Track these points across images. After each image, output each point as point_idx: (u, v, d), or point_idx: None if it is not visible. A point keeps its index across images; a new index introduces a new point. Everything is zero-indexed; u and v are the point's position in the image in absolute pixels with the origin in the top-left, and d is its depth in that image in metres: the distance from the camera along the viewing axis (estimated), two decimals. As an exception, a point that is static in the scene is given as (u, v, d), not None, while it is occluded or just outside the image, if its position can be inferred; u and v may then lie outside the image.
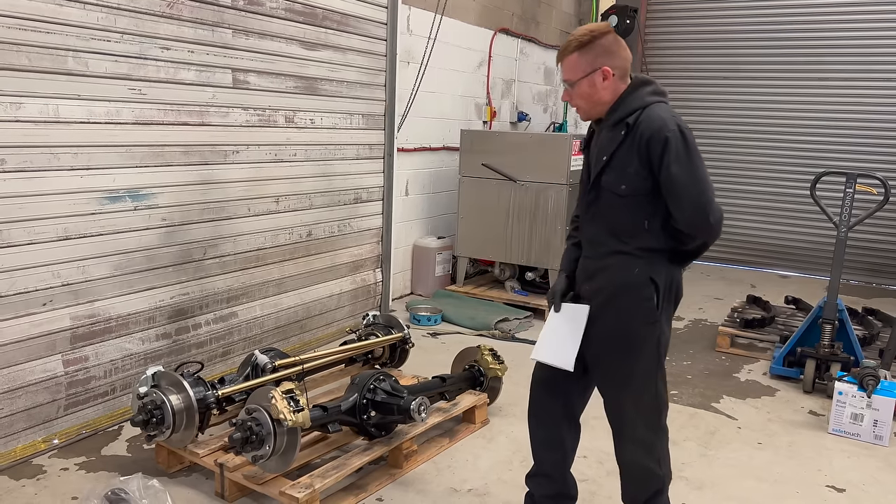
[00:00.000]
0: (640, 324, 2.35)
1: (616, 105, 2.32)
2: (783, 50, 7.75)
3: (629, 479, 2.55)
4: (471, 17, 6.55)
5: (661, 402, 2.46)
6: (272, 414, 2.71)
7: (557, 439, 2.61)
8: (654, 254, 2.33)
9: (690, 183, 2.22)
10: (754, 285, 7.19)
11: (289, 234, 4.59)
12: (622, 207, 2.31)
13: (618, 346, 2.37)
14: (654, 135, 2.21)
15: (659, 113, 2.26)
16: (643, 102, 2.29)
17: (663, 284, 2.34)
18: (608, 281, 2.37)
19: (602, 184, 2.34)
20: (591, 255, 2.44)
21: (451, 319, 5.47)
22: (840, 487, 3.27)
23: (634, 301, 2.33)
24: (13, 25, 2.98)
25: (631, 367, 2.38)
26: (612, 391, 2.46)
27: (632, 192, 2.28)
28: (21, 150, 3.08)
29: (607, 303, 2.37)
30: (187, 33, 3.72)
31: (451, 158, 6.42)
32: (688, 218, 2.25)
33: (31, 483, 3.01)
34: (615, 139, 2.29)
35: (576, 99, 2.36)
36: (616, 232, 2.34)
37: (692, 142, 2.24)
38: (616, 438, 2.52)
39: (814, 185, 4.50)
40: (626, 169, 2.27)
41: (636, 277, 2.32)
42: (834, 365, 4.25)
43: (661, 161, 2.21)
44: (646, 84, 2.33)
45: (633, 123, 2.26)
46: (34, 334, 3.21)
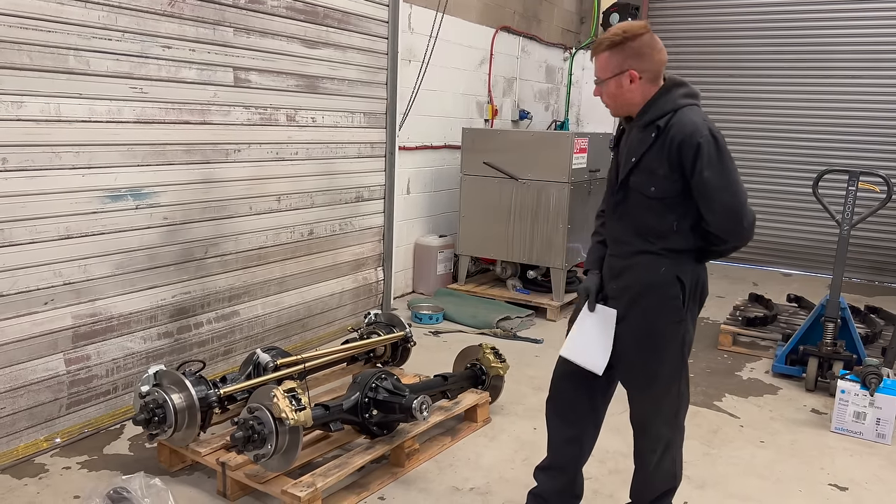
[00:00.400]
0: (666, 323, 2.34)
1: (647, 107, 2.30)
2: (785, 48, 7.73)
3: (643, 475, 2.56)
4: (472, 15, 6.54)
5: (682, 401, 2.49)
6: (274, 413, 2.71)
7: (579, 436, 2.61)
8: (682, 254, 2.33)
9: (723, 188, 2.20)
10: (756, 283, 7.18)
11: (290, 233, 4.58)
12: (650, 209, 2.29)
13: (643, 345, 2.37)
14: (685, 140, 2.19)
15: (691, 117, 2.24)
16: (675, 105, 2.27)
17: (689, 284, 2.33)
18: (634, 280, 2.36)
19: (630, 184, 2.32)
20: (616, 253, 2.42)
21: (453, 318, 5.46)
22: (843, 486, 3.26)
23: (660, 300, 2.33)
24: (14, 24, 2.98)
25: (656, 366, 2.38)
26: (635, 389, 2.47)
27: (661, 194, 2.26)
28: (22, 148, 3.08)
29: (633, 302, 2.36)
30: (188, 32, 3.72)
31: (453, 157, 6.42)
32: (720, 222, 2.24)
33: (33, 482, 3.01)
34: (645, 141, 2.28)
35: (604, 97, 2.36)
36: (643, 232, 2.33)
37: (724, 146, 2.23)
38: (636, 434, 2.54)
39: (816, 182, 4.48)
40: (656, 171, 2.25)
41: (662, 277, 2.31)
42: (836, 363, 4.25)
43: (693, 166, 2.19)
44: (679, 86, 2.31)
45: (663, 127, 2.24)
46: (36, 333, 3.21)
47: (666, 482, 2.58)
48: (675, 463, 2.57)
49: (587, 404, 2.58)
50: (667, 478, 2.57)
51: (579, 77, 8.37)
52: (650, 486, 2.58)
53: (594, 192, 6.06)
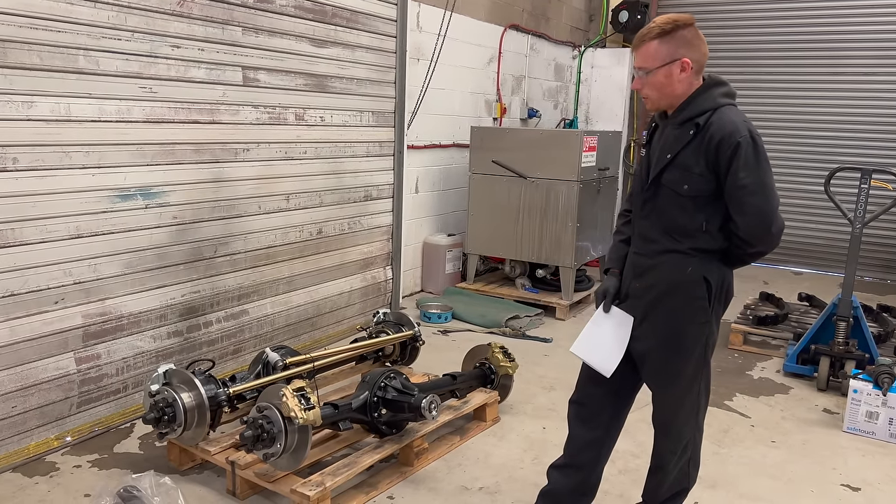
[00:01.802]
0: (691, 324, 2.33)
1: (686, 103, 2.27)
2: (797, 45, 7.68)
3: (661, 475, 2.55)
4: (481, 13, 6.53)
5: (703, 401, 2.48)
6: (283, 412, 2.71)
7: (602, 439, 2.59)
8: (709, 254, 2.30)
9: (757, 191, 2.18)
10: (767, 282, 7.14)
11: (299, 232, 4.59)
12: (681, 207, 2.27)
13: (667, 345, 2.35)
14: (724, 138, 2.17)
15: (731, 117, 2.22)
16: (715, 104, 2.25)
17: (716, 284, 2.32)
18: (659, 279, 2.33)
19: (663, 181, 2.29)
20: (642, 251, 2.39)
21: (462, 317, 5.45)
22: (855, 486, 3.24)
23: (686, 300, 2.31)
24: (24, 24, 2.99)
25: (679, 367, 2.37)
26: (658, 388, 2.46)
27: (694, 192, 2.24)
28: (33, 148, 3.09)
29: (658, 301, 2.34)
30: (197, 31, 3.72)
31: (462, 155, 6.40)
32: (749, 225, 2.21)
33: (44, 480, 3.02)
34: (682, 138, 2.25)
35: (647, 88, 2.27)
36: (672, 230, 2.30)
37: (763, 149, 2.21)
38: (658, 434, 2.53)
39: (828, 180, 4.45)
40: (692, 169, 2.23)
41: (689, 276, 2.29)
42: (848, 362, 4.22)
43: (729, 166, 2.17)
44: (719, 84, 2.29)
45: (703, 125, 2.22)
46: (46, 332, 3.23)
47: (680, 482, 2.57)
48: (691, 464, 2.56)
49: (612, 409, 2.56)
50: (682, 477, 2.56)
51: (588, 75, 8.34)
52: (665, 486, 2.56)
53: (603, 190, 6.04)
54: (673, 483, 2.56)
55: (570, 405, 2.65)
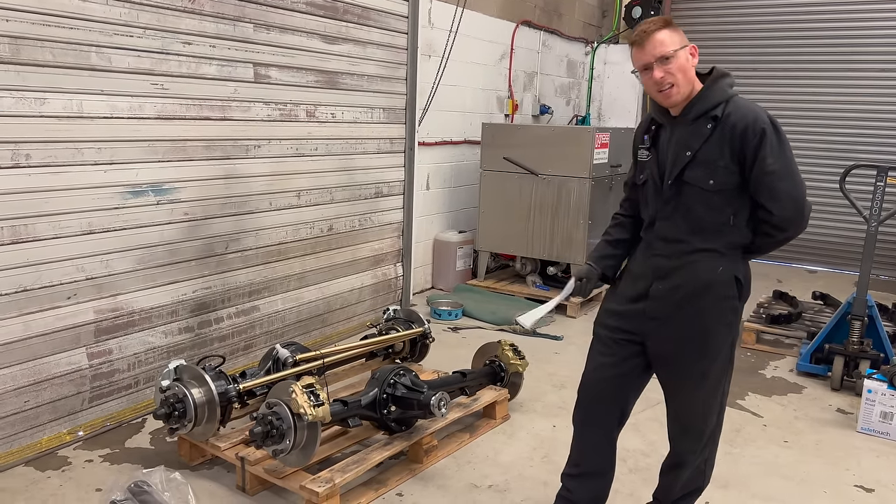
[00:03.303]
0: (719, 324, 2.30)
1: (697, 98, 2.24)
2: (812, 42, 7.59)
3: (677, 475, 2.53)
4: (492, 9, 6.50)
5: (725, 400, 2.47)
6: (293, 408, 2.71)
7: (610, 441, 2.58)
8: (736, 251, 2.28)
9: (787, 176, 2.17)
10: (781, 280, 7.08)
11: (310, 229, 4.59)
12: (708, 203, 2.23)
13: (694, 347, 2.31)
14: (749, 127, 2.15)
15: (749, 105, 2.21)
16: (726, 95, 2.23)
17: (745, 283, 2.31)
18: (688, 280, 2.28)
19: (686, 179, 2.24)
20: (664, 252, 2.33)
21: (472, 314, 5.45)
22: (869, 487, 3.20)
23: (716, 300, 2.28)
24: (37, 21, 3.01)
25: (706, 368, 2.33)
26: (683, 391, 2.41)
27: (720, 187, 2.21)
28: (45, 145, 3.11)
29: (685, 302, 2.29)
30: (209, 28, 3.73)
31: (473, 152, 6.39)
32: (784, 211, 2.19)
33: (56, 474, 3.05)
34: (700, 133, 2.22)
35: (673, 74, 2.19)
36: (700, 229, 2.26)
37: (784, 134, 2.20)
38: (681, 437, 2.49)
39: (843, 178, 4.40)
40: (716, 163, 2.19)
41: (720, 276, 2.26)
42: (863, 362, 4.17)
43: (756, 154, 2.15)
44: (725, 76, 2.27)
45: (721, 116, 2.19)
46: (59, 327, 3.25)
47: (695, 481, 2.55)
48: (708, 463, 2.54)
49: (618, 413, 2.54)
50: (697, 476, 2.54)
51: (601, 71, 8.29)
52: (680, 484, 2.54)
53: (615, 187, 6.01)
54: (688, 482, 2.54)
55: (577, 410, 2.60)
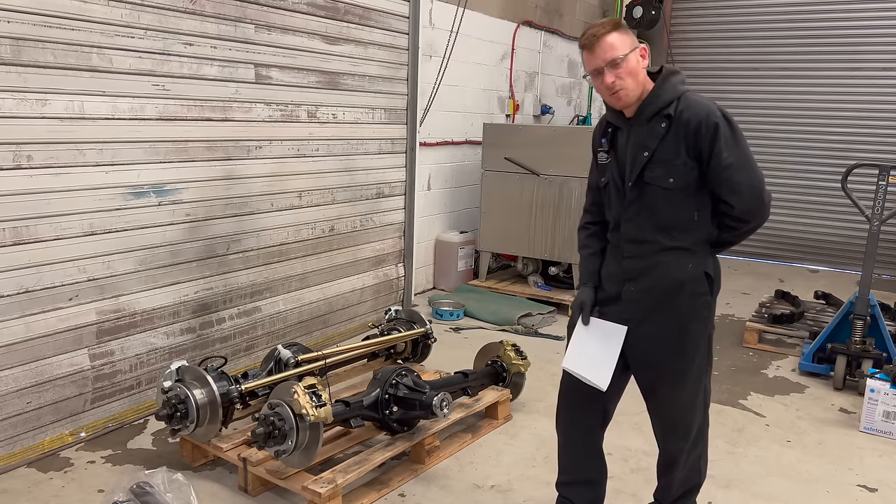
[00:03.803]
0: (694, 320, 2.31)
1: (649, 99, 2.24)
2: (813, 40, 7.59)
3: (672, 475, 2.53)
4: (493, 9, 6.50)
5: (709, 397, 2.47)
6: (295, 409, 2.71)
7: (596, 444, 2.59)
8: (704, 247, 2.30)
9: (744, 168, 2.19)
10: (783, 280, 7.07)
11: (311, 229, 4.59)
12: (670, 201, 2.24)
13: (674, 346, 2.32)
14: (702, 122, 2.16)
15: (700, 100, 2.22)
16: (677, 92, 2.24)
17: (715, 277, 2.32)
18: (659, 279, 2.29)
19: (646, 179, 2.25)
20: (634, 254, 2.33)
21: (474, 314, 5.44)
22: (872, 487, 3.19)
23: (690, 298, 2.29)
24: (38, 22, 3.01)
25: (686, 366, 2.34)
26: (665, 390, 2.41)
27: (681, 184, 2.22)
28: (47, 146, 3.11)
29: (660, 303, 2.30)
30: (210, 29, 3.73)
31: (474, 152, 6.39)
32: (745, 203, 2.21)
33: (58, 476, 3.05)
34: (655, 133, 2.22)
35: (623, 78, 2.19)
36: (665, 227, 2.27)
37: (738, 127, 2.22)
38: (668, 436, 2.48)
39: (845, 177, 4.40)
40: (673, 161, 2.21)
41: (690, 274, 2.28)
42: (865, 361, 4.16)
43: (711, 148, 2.17)
44: (676, 73, 2.28)
45: (674, 114, 2.20)
46: (61, 329, 3.25)
47: (692, 478, 2.55)
48: (702, 459, 2.54)
49: (601, 416, 2.55)
50: (693, 474, 2.54)
51: (602, 71, 8.28)
52: (677, 483, 2.54)
53: (617, 187, 6.00)
54: (684, 480, 2.54)
55: (559, 417, 2.61)
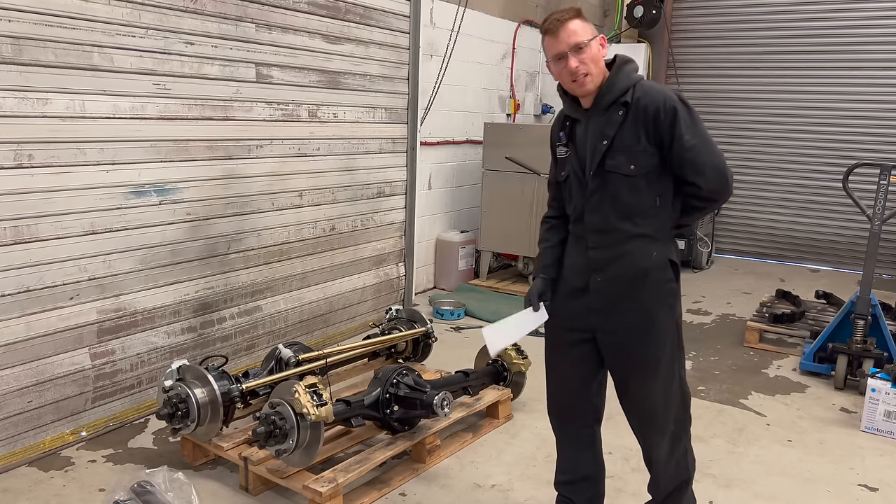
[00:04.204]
0: (662, 308, 2.32)
1: (606, 88, 2.26)
2: (815, 39, 7.58)
3: (659, 471, 2.51)
4: (494, 8, 6.50)
5: (686, 387, 2.46)
6: (295, 408, 2.71)
7: (591, 440, 2.59)
8: (666, 234, 2.33)
9: (706, 149, 2.22)
10: (783, 279, 7.07)
11: (312, 229, 4.59)
12: (632, 187, 2.25)
13: (643, 335, 2.32)
14: (660, 108, 2.19)
15: (655, 86, 2.26)
16: (632, 80, 2.27)
17: (679, 264, 2.36)
18: (625, 268, 2.30)
19: (608, 168, 2.27)
20: (599, 244, 2.34)
21: (475, 314, 5.44)
22: (873, 486, 3.19)
23: (656, 286, 2.31)
24: (39, 21, 3.01)
25: (658, 355, 2.34)
26: (639, 382, 2.39)
27: (642, 170, 2.24)
28: (48, 145, 3.11)
29: (627, 292, 2.31)
30: (211, 28, 3.73)
31: (475, 152, 6.39)
32: (710, 181, 2.23)
33: (59, 475, 3.05)
34: (613, 121, 2.24)
35: (587, 64, 2.20)
36: (629, 214, 2.28)
37: (694, 109, 2.25)
38: (644, 430, 2.46)
39: (846, 176, 4.39)
40: (633, 148, 2.23)
41: (655, 261, 2.30)
42: (867, 361, 4.16)
43: (672, 132, 2.19)
44: (629, 62, 2.31)
45: (631, 101, 2.22)
46: (62, 328, 3.25)
47: (680, 475, 2.52)
48: (688, 454, 2.51)
49: (594, 407, 2.55)
50: (681, 470, 2.51)
51: (602, 71, 8.27)
52: (664, 481, 2.52)
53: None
54: (672, 477, 2.51)
55: (551, 416, 2.64)
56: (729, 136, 8.07)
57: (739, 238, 8.21)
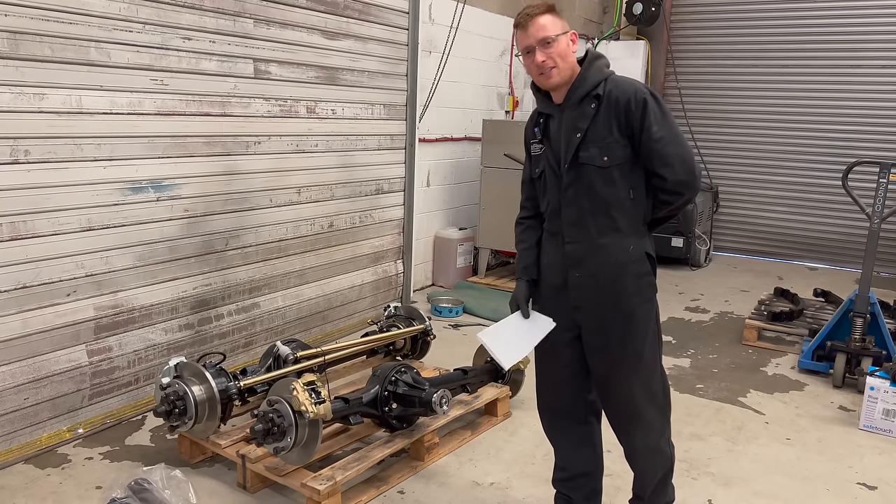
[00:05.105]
0: (641, 301, 2.33)
1: (578, 82, 2.28)
2: (814, 37, 7.57)
3: (643, 465, 2.52)
4: (493, 5, 6.48)
5: (666, 380, 2.47)
6: (294, 406, 2.70)
7: (586, 436, 2.58)
8: (641, 228, 2.34)
9: (674, 141, 2.24)
10: (782, 277, 7.07)
11: (310, 225, 4.58)
12: (606, 180, 2.27)
13: (624, 329, 2.33)
14: (631, 100, 2.22)
15: (626, 80, 2.29)
16: (603, 74, 2.30)
17: (654, 258, 2.37)
18: (602, 263, 2.31)
19: (582, 160, 2.28)
20: (575, 239, 2.34)
21: (473, 311, 5.43)
22: (871, 485, 3.19)
23: (634, 279, 2.32)
24: (36, 16, 2.99)
25: (638, 349, 2.34)
26: (620, 376, 2.39)
27: (615, 162, 2.25)
28: (45, 140, 3.09)
29: (605, 286, 2.31)
30: (209, 23, 3.71)
31: (473, 149, 6.37)
32: (678, 175, 2.24)
33: (56, 472, 3.04)
34: (586, 114, 2.27)
35: (554, 58, 2.23)
36: (604, 208, 2.28)
37: (664, 103, 2.27)
38: (627, 424, 2.46)
39: (846, 174, 4.39)
40: (605, 140, 2.25)
41: (632, 255, 2.31)
42: (865, 359, 4.16)
43: (642, 124, 2.21)
44: (600, 57, 2.33)
45: (603, 94, 2.25)
46: (59, 324, 3.24)
47: (664, 464, 2.52)
48: (669, 443, 2.52)
49: (583, 402, 2.54)
50: (664, 460, 2.51)
51: (601, 68, 8.26)
52: (650, 475, 2.52)
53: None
54: (657, 468, 2.51)
55: (542, 415, 2.65)
56: (727, 133, 8.07)
57: (738, 236, 8.21)
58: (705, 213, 7.60)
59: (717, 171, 8.13)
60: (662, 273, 6.44)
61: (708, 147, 8.12)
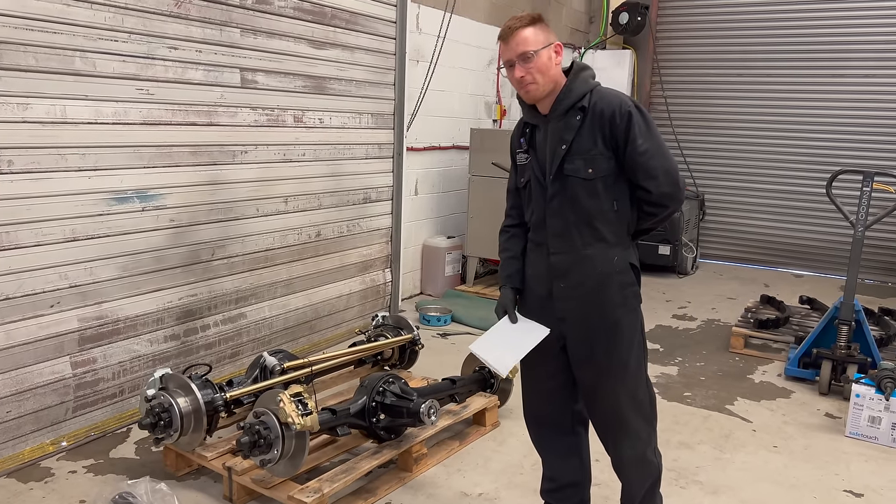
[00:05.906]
0: (626, 312, 2.34)
1: (563, 93, 2.29)
2: (798, 46, 7.65)
3: (630, 474, 2.51)
4: (480, 15, 6.51)
5: (651, 389, 2.48)
6: (280, 417, 2.68)
7: (573, 446, 2.58)
8: (626, 238, 2.35)
9: (659, 154, 2.25)
10: (768, 285, 7.11)
11: (297, 235, 4.56)
12: (591, 191, 2.27)
13: (611, 339, 2.33)
14: (615, 112, 2.22)
15: (612, 92, 2.29)
16: (589, 86, 2.30)
17: (639, 268, 2.38)
18: (587, 274, 2.31)
19: (566, 172, 2.29)
20: (560, 250, 2.35)
21: (461, 320, 5.43)
22: (858, 492, 3.21)
23: (619, 290, 2.32)
24: (20, 25, 2.97)
25: (624, 359, 2.35)
26: (607, 386, 2.39)
27: (600, 174, 2.26)
28: (28, 150, 3.07)
29: (591, 297, 2.32)
30: (195, 33, 3.70)
31: (461, 157, 6.38)
32: (662, 188, 2.25)
33: (38, 486, 2.99)
34: (572, 126, 2.27)
35: (533, 73, 2.23)
36: (587, 219, 2.29)
37: (649, 116, 2.28)
38: (611, 435, 2.46)
39: (830, 183, 4.43)
40: (590, 152, 2.25)
41: (616, 266, 2.31)
42: (851, 366, 4.18)
43: (626, 136, 2.22)
44: (586, 69, 2.34)
45: (588, 106, 2.26)
46: (42, 336, 3.20)
47: (651, 473, 2.52)
48: (656, 452, 2.52)
49: (570, 411, 2.54)
50: (651, 469, 2.51)
51: (588, 77, 8.30)
52: (640, 484, 2.52)
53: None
54: (645, 477, 2.51)
55: (529, 426, 2.65)
56: (713, 142, 8.13)
57: (724, 243, 8.26)
58: (692, 220, 7.65)
59: (703, 179, 8.19)
60: (650, 281, 6.48)
61: (694, 155, 8.17)
